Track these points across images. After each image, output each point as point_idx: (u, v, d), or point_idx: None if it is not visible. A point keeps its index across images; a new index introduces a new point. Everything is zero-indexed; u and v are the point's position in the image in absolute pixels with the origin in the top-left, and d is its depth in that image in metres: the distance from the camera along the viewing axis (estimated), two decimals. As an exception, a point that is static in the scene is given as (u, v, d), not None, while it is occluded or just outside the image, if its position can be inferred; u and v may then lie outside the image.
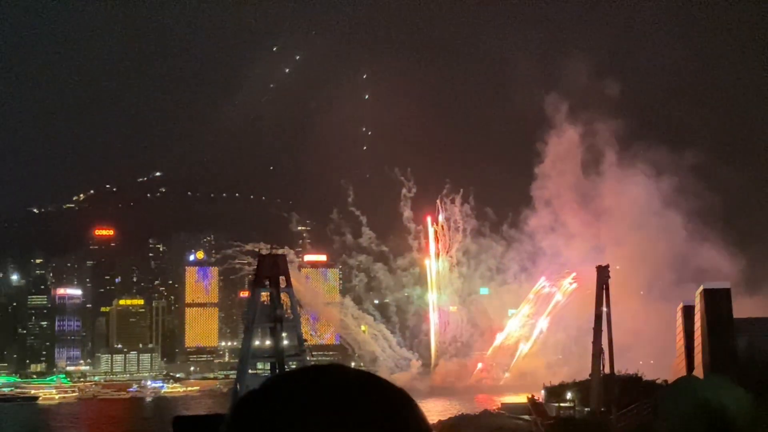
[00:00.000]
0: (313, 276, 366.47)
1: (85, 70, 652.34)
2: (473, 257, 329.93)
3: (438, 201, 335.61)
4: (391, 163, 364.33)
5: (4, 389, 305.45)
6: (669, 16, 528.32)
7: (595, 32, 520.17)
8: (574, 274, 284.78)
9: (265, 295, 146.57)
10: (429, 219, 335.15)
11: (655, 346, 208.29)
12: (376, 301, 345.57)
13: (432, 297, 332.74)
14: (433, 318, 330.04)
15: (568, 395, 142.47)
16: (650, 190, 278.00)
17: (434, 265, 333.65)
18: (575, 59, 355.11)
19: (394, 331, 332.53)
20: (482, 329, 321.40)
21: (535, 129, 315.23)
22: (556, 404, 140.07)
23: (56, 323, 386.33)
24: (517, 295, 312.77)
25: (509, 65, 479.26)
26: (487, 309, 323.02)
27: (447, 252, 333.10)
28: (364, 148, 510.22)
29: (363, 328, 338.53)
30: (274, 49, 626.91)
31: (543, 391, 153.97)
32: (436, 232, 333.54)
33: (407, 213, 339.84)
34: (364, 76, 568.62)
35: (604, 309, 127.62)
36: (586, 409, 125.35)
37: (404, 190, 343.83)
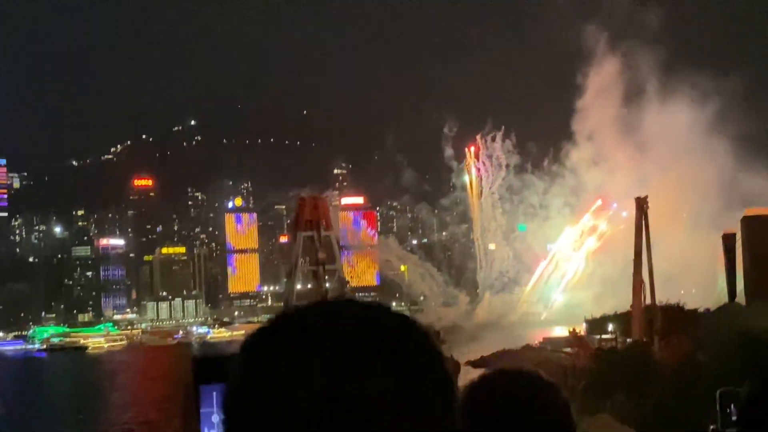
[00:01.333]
0: (351, 219, 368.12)
1: (117, 19, 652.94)
2: (516, 193, 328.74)
3: (479, 138, 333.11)
4: (429, 102, 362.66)
5: (54, 339, 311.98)
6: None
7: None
8: (615, 205, 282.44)
9: (306, 238, 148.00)
10: (470, 156, 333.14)
11: (700, 275, 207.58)
12: (424, 240, 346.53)
13: (476, 234, 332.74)
14: (479, 255, 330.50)
15: (610, 327, 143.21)
16: (694, 116, 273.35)
17: (477, 202, 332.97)
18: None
19: (440, 270, 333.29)
20: (528, 264, 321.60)
21: (574, 62, 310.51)
22: (598, 336, 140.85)
23: (101, 273, 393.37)
24: (560, 230, 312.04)
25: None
26: (531, 245, 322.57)
27: (489, 189, 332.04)
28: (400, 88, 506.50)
29: (402, 268, 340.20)
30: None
31: (584, 324, 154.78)
32: (478, 169, 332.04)
33: (448, 152, 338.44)
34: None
35: (644, 240, 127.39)
36: (627, 340, 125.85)
37: (445, 129, 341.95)
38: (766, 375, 3.70)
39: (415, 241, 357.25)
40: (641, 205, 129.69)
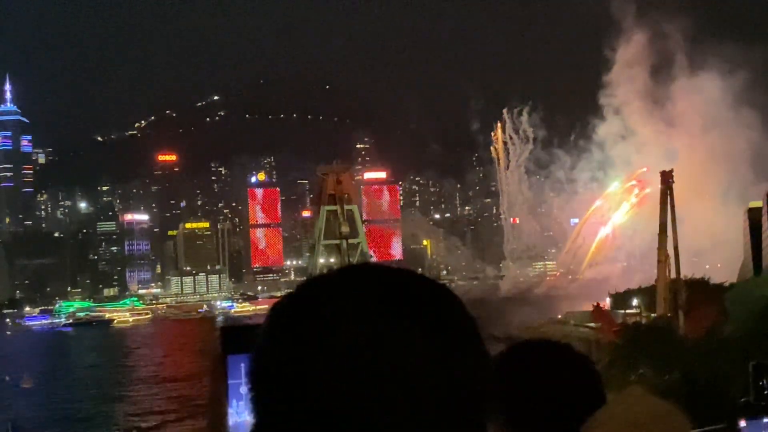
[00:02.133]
0: (374, 193, 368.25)
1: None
2: (543, 167, 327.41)
3: (505, 112, 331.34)
4: (455, 76, 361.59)
5: (80, 314, 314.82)
6: None
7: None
8: (644, 169, 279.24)
9: (329, 213, 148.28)
10: (498, 129, 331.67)
11: (727, 249, 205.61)
12: (447, 215, 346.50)
13: (503, 208, 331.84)
14: (505, 229, 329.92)
15: (634, 302, 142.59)
16: (724, 87, 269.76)
17: (504, 176, 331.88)
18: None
19: (465, 243, 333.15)
20: (556, 238, 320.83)
21: (602, 35, 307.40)
22: (622, 311, 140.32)
23: (126, 248, 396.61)
24: (587, 204, 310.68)
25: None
26: (558, 219, 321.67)
27: (516, 163, 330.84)
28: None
29: (425, 242, 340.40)
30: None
31: (608, 299, 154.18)
32: (505, 143, 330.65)
33: (475, 126, 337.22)
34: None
35: (669, 214, 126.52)
36: (652, 315, 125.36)
37: (471, 103, 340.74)
38: None
39: (438, 216, 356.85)
40: (666, 179, 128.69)
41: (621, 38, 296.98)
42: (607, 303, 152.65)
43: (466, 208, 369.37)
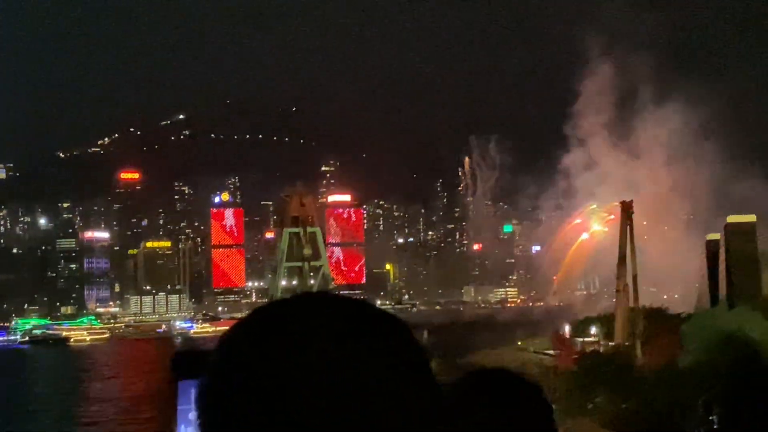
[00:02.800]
0: (338, 216, 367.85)
1: (109, 11, 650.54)
2: (508, 195, 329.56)
3: (473, 140, 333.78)
4: (425, 103, 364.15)
5: (35, 331, 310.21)
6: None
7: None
8: (593, 205, 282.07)
9: (292, 235, 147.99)
10: (465, 157, 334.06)
11: (687, 280, 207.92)
12: (410, 240, 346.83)
13: (467, 234, 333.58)
14: (470, 253, 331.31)
15: (593, 330, 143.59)
16: (687, 120, 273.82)
17: (469, 202, 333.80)
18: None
19: (429, 268, 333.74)
20: (519, 265, 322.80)
21: (569, 66, 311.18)
22: (581, 339, 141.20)
23: (85, 266, 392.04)
24: (549, 231, 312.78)
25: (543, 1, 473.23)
26: (522, 246, 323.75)
27: (482, 190, 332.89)
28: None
29: (388, 266, 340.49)
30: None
31: (567, 326, 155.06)
32: (472, 170, 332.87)
33: (442, 152, 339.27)
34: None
35: (629, 244, 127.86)
36: (610, 343, 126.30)
37: (440, 128, 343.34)
38: (742, 394, 3.80)
39: (401, 240, 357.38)
40: (626, 209, 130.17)
41: (587, 70, 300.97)
42: (566, 330, 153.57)
43: (430, 233, 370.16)
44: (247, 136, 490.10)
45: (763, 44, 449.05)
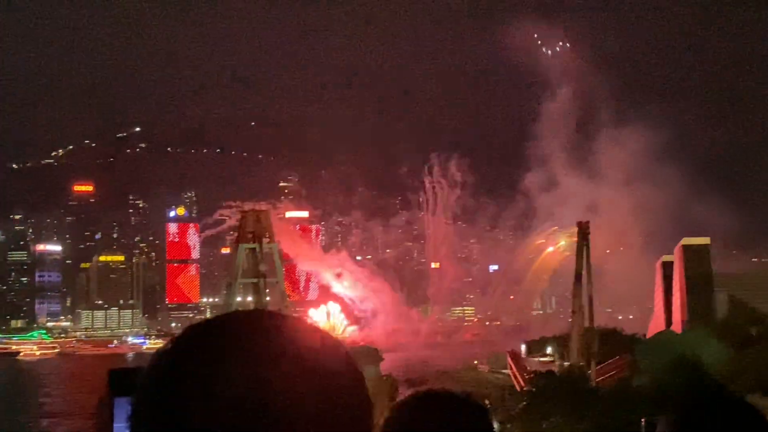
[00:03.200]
0: (295, 232, 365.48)
1: (65, 21, 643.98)
2: (468, 214, 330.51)
3: (433, 158, 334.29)
4: (385, 120, 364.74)
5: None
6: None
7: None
8: (555, 228, 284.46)
9: (248, 250, 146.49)
10: (426, 174, 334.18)
11: (644, 301, 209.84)
12: (368, 257, 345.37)
13: (428, 252, 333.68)
14: (430, 271, 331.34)
15: (548, 349, 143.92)
16: (647, 144, 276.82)
17: (431, 221, 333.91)
18: (572, 16, 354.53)
19: (394, 287, 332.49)
20: (480, 284, 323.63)
21: (531, 87, 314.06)
22: (536, 359, 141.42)
23: (36, 279, 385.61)
24: (509, 251, 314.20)
25: (505, 21, 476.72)
26: (481, 265, 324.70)
27: (443, 208, 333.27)
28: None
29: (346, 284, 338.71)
30: None
31: (523, 346, 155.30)
32: (433, 188, 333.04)
33: (403, 170, 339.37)
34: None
35: (585, 265, 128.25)
36: (565, 363, 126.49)
37: (400, 147, 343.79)
38: (680, 412, 3.86)
39: (359, 257, 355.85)
40: (583, 230, 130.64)
41: (548, 92, 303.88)
42: (522, 350, 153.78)
43: (387, 250, 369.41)
44: (204, 150, 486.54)
45: (721, 69, 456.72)
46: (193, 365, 2.11)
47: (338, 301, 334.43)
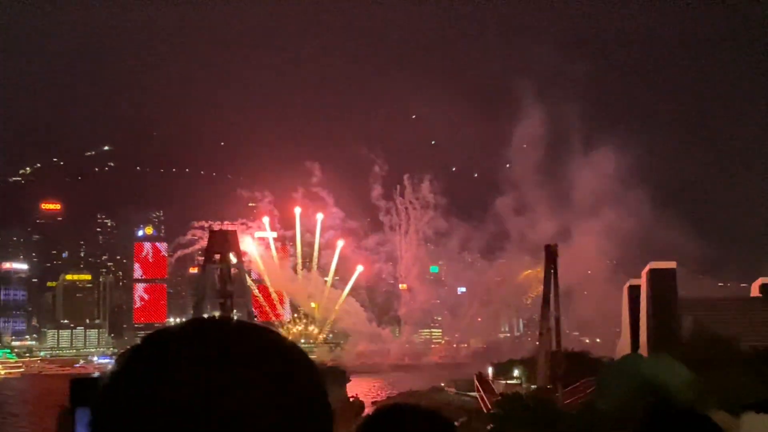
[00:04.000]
0: (263, 252, 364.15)
1: (32, 39, 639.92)
2: (440, 236, 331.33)
3: (406, 179, 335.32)
4: (358, 141, 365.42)
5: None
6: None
7: (561, 12, 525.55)
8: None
9: (216, 270, 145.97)
10: (397, 195, 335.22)
11: (608, 324, 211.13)
12: (337, 278, 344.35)
13: (399, 273, 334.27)
14: (401, 294, 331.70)
15: (515, 372, 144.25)
16: (616, 169, 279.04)
17: (402, 242, 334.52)
18: (542, 40, 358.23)
19: (365, 307, 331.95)
20: (446, 306, 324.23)
21: (502, 112, 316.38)
22: (504, 381, 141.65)
23: (1, 297, 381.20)
24: (479, 273, 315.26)
25: (475, 47, 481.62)
26: (449, 286, 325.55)
27: (414, 230, 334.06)
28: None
29: (313, 305, 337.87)
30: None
31: (490, 368, 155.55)
32: (406, 209, 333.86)
33: (377, 191, 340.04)
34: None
35: (553, 287, 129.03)
36: (532, 386, 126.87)
37: (376, 167, 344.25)
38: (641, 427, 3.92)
39: (326, 278, 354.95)
40: (550, 252, 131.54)
41: (520, 116, 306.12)
42: (489, 372, 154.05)
43: (374, 270, 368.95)
44: (173, 170, 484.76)
45: (691, 95, 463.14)
46: (149, 371, 2.11)
47: (309, 321, 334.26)
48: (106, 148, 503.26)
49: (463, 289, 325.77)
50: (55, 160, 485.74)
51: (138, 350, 2.22)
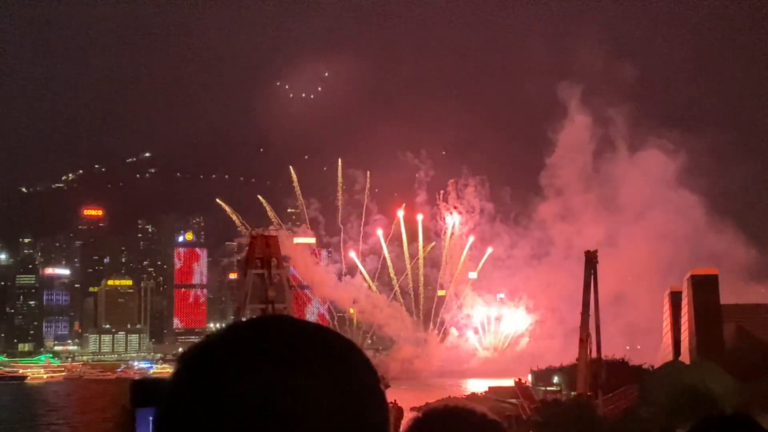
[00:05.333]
0: (303, 258, 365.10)
1: (75, 47, 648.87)
2: (485, 242, 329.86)
3: (451, 185, 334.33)
4: (402, 147, 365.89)
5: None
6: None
7: (609, 14, 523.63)
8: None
9: (256, 276, 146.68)
10: (441, 201, 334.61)
11: (650, 331, 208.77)
12: (376, 284, 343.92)
13: (442, 279, 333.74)
14: (447, 300, 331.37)
15: (555, 379, 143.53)
16: (664, 172, 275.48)
17: (448, 247, 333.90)
18: (589, 43, 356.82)
19: (410, 312, 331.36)
20: (494, 312, 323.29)
21: (547, 116, 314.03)
22: (543, 388, 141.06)
23: (44, 303, 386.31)
24: (524, 280, 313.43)
25: (521, 51, 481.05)
26: (492, 293, 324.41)
27: (459, 235, 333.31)
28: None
29: (351, 310, 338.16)
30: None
31: (530, 375, 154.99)
32: (451, 213, 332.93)
33: (422, 197, 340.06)
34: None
35: (593, 294, 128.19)
36: (572, 393, 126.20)
37: (421, 173, 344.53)
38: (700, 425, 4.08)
39: (375, 283, 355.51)
40: (590, 258, 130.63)
41: (565, 121, 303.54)
42: (528, 379, 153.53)
43: (396, 276, 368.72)
44: (213, 176, 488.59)
45: (741, 99, 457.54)
46: (221, 371, 2.14)
47: (341, 327, 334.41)
48: (147, 154, 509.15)
49: (502, 295, 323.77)
50: (97, 166, 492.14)
51: (204, 349, 2.24)
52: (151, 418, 2.18)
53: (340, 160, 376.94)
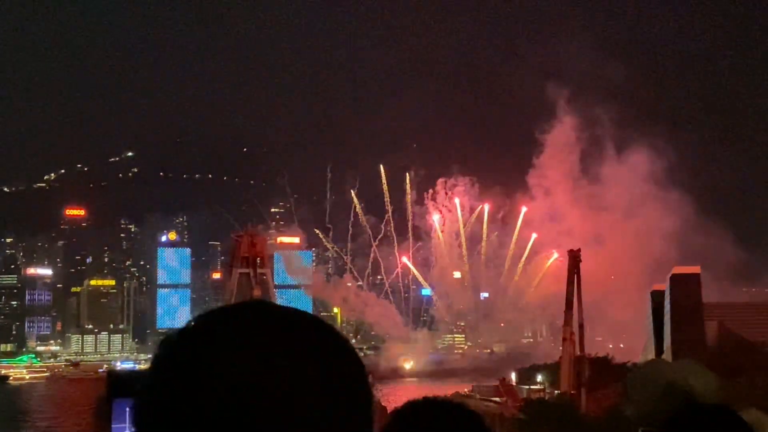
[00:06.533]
0: (287, 258, 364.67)
1: (58, 46, 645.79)
2: (472, 241, 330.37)
3: (440, 183, 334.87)
4: (390, 148, 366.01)
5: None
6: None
7: (594, 16, 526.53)
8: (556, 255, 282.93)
9: (241, 275, 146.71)
10: (429, 199, 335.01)
11: (632, 329, 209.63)
12: (359, 283, 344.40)
13: (433, 278, 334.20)
14: (434, 299, 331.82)
15: (539, 377, 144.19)
16: (650, 170, 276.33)
17: (437, 245, 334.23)
18: (576, 44, 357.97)
19: (400, 311, 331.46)
20: (465, 312, 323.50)
21: (534, 117, 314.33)
22: (527, 386, 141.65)
23: (26, 302, 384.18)
24: (506, 279, 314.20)
25: (510, 53, 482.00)
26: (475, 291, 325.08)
27: (448, 234, 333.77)
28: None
29: (336, 310, 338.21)
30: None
31: (514, 374, 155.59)
32: (440, 212, 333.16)
33: (411, 196, 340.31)
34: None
35: (576, 292, 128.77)
36: (556, 391, 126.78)
37: (411, 173, 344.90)
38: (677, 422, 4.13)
39: (349, 284, 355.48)
40: (574, 257, 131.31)
41: (552, 122, 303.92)
42: (512, 378, 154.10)
43: (378, 277, 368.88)
44: (197, 176, 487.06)
45: (727, 100, 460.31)
46: (201, 354, 2.09)
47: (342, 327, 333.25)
48: (130, 154, 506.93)
49: (486, 295, 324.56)
50: (79, 166, 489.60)
51: (183, 335, 2.21)
52: (128, 409, 2.03)
53: (328, 162, 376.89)
